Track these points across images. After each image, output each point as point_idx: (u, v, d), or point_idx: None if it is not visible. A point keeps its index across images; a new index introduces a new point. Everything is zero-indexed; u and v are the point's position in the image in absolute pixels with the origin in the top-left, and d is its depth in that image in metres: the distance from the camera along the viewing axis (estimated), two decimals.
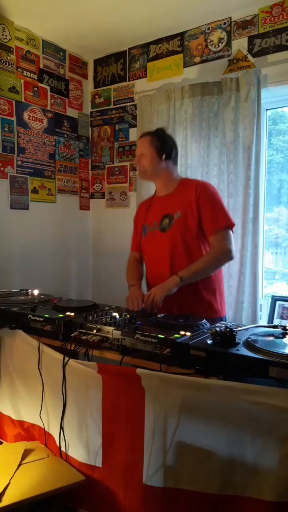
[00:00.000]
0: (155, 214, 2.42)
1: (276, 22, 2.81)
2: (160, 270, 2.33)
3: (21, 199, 3.27)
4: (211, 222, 2.24)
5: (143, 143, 2.37)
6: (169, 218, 2.33)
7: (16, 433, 2.10)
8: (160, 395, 1.50)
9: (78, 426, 1.76)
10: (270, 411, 1.32)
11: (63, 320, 1.86)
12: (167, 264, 2.30)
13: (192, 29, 3.17)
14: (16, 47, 3.18)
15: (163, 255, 2.32)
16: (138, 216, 2.61)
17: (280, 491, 1.33)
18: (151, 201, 2.54)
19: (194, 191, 2.28)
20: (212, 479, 1.44)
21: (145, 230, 2.47)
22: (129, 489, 1.61)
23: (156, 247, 2.37)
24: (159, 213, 2.39)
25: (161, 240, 2.33)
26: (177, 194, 2.37)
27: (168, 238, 2.30)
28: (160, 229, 2.36)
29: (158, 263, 2.35)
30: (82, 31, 3.28)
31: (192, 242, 2.27)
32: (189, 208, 2.27)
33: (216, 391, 1.40)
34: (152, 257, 2.43)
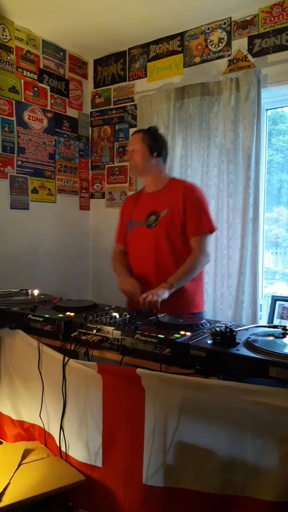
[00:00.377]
0: (142, 210, 2.48)
1: (276, 22, 2.81)
2: (144, 264, 2.41)
3: (21, 199, 3.27)
4: (195, 224, 2.33)
5: (136, 140, 2.46)
6: (155, 215, 2.41)
7: (16, 433, 2.10)
8: (160, 395, 1.50)
9: (78, 426, 1.75)
10: (270, 411, 1.32)
11: (63, 320, 1.86)
12: (152, 259, 2.37)
13: (192, 29, 3.18)
14: (16, 47, 3.18)
15: (148, 250, 2.39)
16: (125, 210, 2.67)
17: (280, 491, 1.33)
18: (139, 196, 2.62)
19: (182, 193, 2.36)
20: (212, 479, 1.43)
21: (131, 225, 2.53)
22: (129, 489, 1.61)
23: (141, 242, 2.44)
24: (146, 209, 2.46)
25: (146, 236, 2.41)
26: (165, 193, 2.45)
27: (154, 235, 2.38)
28: (146, 225, 2.42)
29: (143, 257, 2.42)
30: (82, 31, 3.28)
31: (176, 239, 2.35)
32: (176, 208, 2.35)
33: (216, 391, 1.40)
34: (137, 251, 2.49)
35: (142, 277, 2.39)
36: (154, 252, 2.37)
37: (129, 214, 2.57)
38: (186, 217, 2.33)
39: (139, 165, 2.45)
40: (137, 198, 2.60)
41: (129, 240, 2.56)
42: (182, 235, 2.35)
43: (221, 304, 3.02)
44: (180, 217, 2.33)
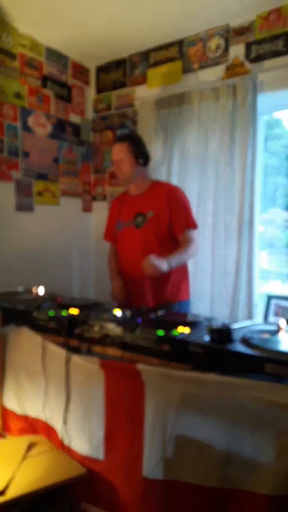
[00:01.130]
0: (129, 212, 2.56)
1: (273, 28, 2.80)
2: (134, 262, 2.45)
3: (26, 201, 3.27)
4: (182, 222, 2.45)
5: (121, 149, 2.46)
6: (142, 216, 2.49)
7: (21, 427, 2.10)
8: (160, 390, 1.50)
9: (81, 420, 1.76)
10: (267, 406, 1.32)
11: (67, 317, 1.86)
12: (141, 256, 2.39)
13: (190, 36, 3.17)
14: (19, 53, 3.18)
15: (137, 249, 2.46)
16: (113, 210, 2.75)
17: (277, 485, 1.33)
18: (124, 198, 2.68)
19: (166, 195, 2.46)
20: (211, 472, 1.43)
21: (120, 226, 2.60)
22: (129, 482, 1.61)
23: (131, 241, 2.52)
24: (133, 211, 2.53)
25: (135, 236, 2.49)
26: (149, 195, 2.52)
27: (142, 234, 2.47)
28: (135, 226, 2.51)
29: (133, 255, 2.48)
30: (84, 39, 3.28)
31: (163, 238, 2.45)
32: (161, 209, 2.44)
33: (214, 386, 1.40)
34: (127, 250, 2.57)
35: (132, 273, 2.49)
36: (144, 250, 2.41)
37: (117, 215, 2.64)
38: (172, 217, 2.43)
39: (128, 175, 2.49)
40: (123, 200, 2.66)
41: (119, 239, 2.63)
42: (168, 234, 2.45)
43: (218, 302, 3.02)
44: (166, 217, 2.43)
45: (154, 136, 3.29)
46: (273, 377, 1.32)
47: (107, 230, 2.80)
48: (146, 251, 2.40)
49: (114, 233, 2.67)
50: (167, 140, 3.24)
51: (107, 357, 1.69)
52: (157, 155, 3.29)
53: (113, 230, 2.69)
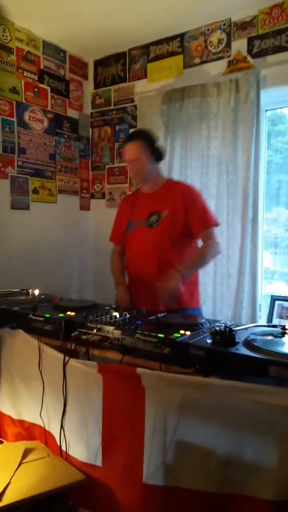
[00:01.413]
0: (142, 211, 2.50)
1: (276, 23, 2.81)
2: (146, 263, 2.43)
3: (21, 199, 3.27)
4: (200, 221, 2.39)
5: (135, 149, 2.43)
6: (156, 215, 2.43)
7: (17, 433, 2.10)
8: (160, 394, 1.50)
9: (79, 425, 1.75)
10: (269, 410, 1.32)
11: (64, 319, 1.85)
12: (153, 257, 2.39)
13: (192, 30, 3.17)
14: (16, 47, 3.18)
15: (149, 249, 2.41)
16: (123, 211, 2.69)
17: (278, 490, 1.33)
18: (136, 196, 2.65)
19: (181, 194, 2.43)
20: (212, 477, 1.43)
21: (131, 225, 2.54)
22: (128, 488, 1.61)
23: (142, 241, 2.46)
24: (146, 210, 2.48)
25: (148, 235, 2.43)
26: (163, 194, 2.48)
27: (155, 234, 2.40)
28: (147, 225, 2.45)
29: (144, 256, 2.43)
30: (82, 32, 3.28)
31: (177, 238, 2.39)
32: (177, 209, 2.39)
33: (216, 390, 1.40)
34: (137, 250, 2.51)
35: (142, 276, 2.43)
36: (156, 250, 2.38)
37: (128, 214, 2.59)
38: (189, 217, 2.38)
39: (145, 174, 2.47)
40: (135, 199, 2.63)
41: (129, 240, 2.57)
42: (183, 235, 2.40)
43: (220, 304, 3.02)
44: (181, 217, 2.37)
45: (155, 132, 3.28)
46: (277, 380, 1.31)
47: (114, 231, 2.75)
48: (158, 252, 2.38)
49: (122, 234, 2.63)
50: (168, 137, 3.23)
51: (106, 361, 1.69)
52: None
53: (122, 231, 2.64)
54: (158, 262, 2.38)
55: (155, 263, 2.38)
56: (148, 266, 2.40)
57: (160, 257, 2.38)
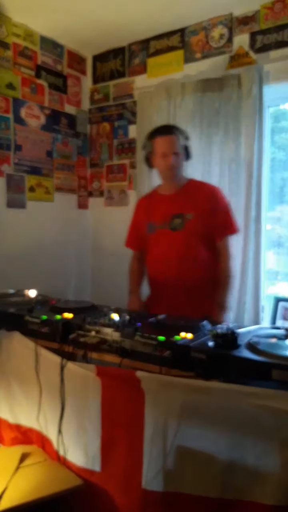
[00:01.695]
0: (163, 212, 2.45)
1: (278, 18, 2.81)
2: (168, 267, 2.39)
3: (17, 197, 3.27)
4: (223, 227, 2.42)
5: (176, 142, 2.40)
6: (181, 218, 2.38)
7: (13, 437, 2.10)
8: (160, 398, 1.50)
9: (77, 430, 1.76)
10: (272, 414, 1.32)
11: (61, 321, 1.86)
12: (176, 261, 2.37)
13: (193, 25, 3.17)
14: (13, 43, 3.18)
15: (173, 253, 2.38)
16: (140, 213, 2.63)
17: (280, 495, 1.33)
18: (152, 197, 2.60)
19: (207, 196, 2.42)
20: (213, 483, 1.44)
21: (152, 228, 2.49)
22: (128, 494, 1.61)
23: (165, 245, 2.42)
24: (168, 212, 2.43)
25: (172, 239, 2.39)
26: (186, 195, 2.44)
27: (180, 237, 2.37)
28: (171, 228, 2.40)
29: (168, 261, 2.40)
30: (81, 26, 3.28)
31: (202, 242, 2.38)
32: (203, 211, 2.37)
33: (217, 394, 1.40)
34: (161, 255, 2.46)
35: (166, 280, 2.41)
36: (181, 254, 2.37)
37: (146, 217, 2.54)
38: (213, 221, 2.38)
39: (177, 170, 2.44)
40: (151, 201, 2.59)
41: (151, 243, 2.53)
42: (206, 238, 2.40)
43: None
44: (206, 221, 2.37)
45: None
46: (281, 384, 1.32)
47: (130, 236, 2.70)
48: (185, 256, 2.36)
49: (141, 238, 2.58)
50: None
51: (104, 364, 1.69)
52: None
53: (139, 235, 2.60)
54: (183, 266, 2.36)
55: (180, 267, 2.36)
56: (173, 270, 2.38)
57: (185, 261, 2.36)
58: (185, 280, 2.35)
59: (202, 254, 2.39)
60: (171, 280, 2.37)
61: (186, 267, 2.36)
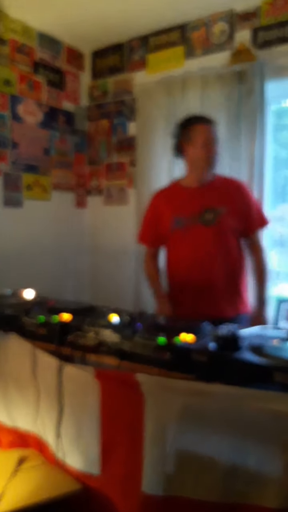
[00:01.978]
0: (192, 206, 2.38)
1: (279, 14, 2.81)
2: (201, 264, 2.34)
3: (14, 196, 3.27)
4: (257, 220, 2.43)
5: (214, 131, 2.39)
6: (212, 212, 2.33)
7: (11, 440, 2.10)
8: (160, 401, 1.50)
9: (75, 433, 1.76)
10: (274, 417, 1.33)
11: (59, 323, 1.86)
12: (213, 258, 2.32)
13: (194, 20, 3.18)
14: (10, 39, 3.18)
15: (208, 249, 2.33)
16: (158, 207, 2.53)
17: (282, 498, 1.34)
18: (174, 190, 2.52)
19: (238, 191, 2.42)
20: (214, 487, 1.44)
21: (180, 223, 2.39)
22: (128, 498, 1.61)
23: (198, 240, 2.35)
24: (197, 206, 2.36)
25: (205, 234, 2.33)
26: (216, 189, 2.41)
27: (213, 232, 2.32)
28: (203, 223, 2.33)
29: (201, 257, 2.34)
30: (79, 22, 3.28)
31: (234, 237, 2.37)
32: (234, 205, 2.36)
33: (218, 397, 1.41)
34: (192, 251, 2.37)
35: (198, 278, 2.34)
36: (217, 250, 2.33)
37: (169, 211, 2.44)
38: (246, 215, 2.38)
39: (217, 159, 2.42)
40: (173, 193, 2.51)
41: (178, 239, 2.43)
42: (237, 233, 2.39)
43: None
44: (237, 216, 2.35)
45: (154, 125, 3.30)
46: (283, 386, 1.32)
47: (145, 231, 2.61)
48: (219, 251, 2.33)
49: (159, 234, 2.51)
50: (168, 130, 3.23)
51: (103, 366, 1.69)
52: (157, 146, 3.29)
53: (157, 230, 2.52)
54: (219, 262, 2.33)
55: (216, 263, 2.33)
56: (206, 267, 2.32)
57: (221, 256, 2.33)
58: (216, 276, 2.31)
59: (234, 249, 2.38)
60: (205, 276, 2.31)
61: (217, 263, 2.33)
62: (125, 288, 3.57)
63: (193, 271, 2.36)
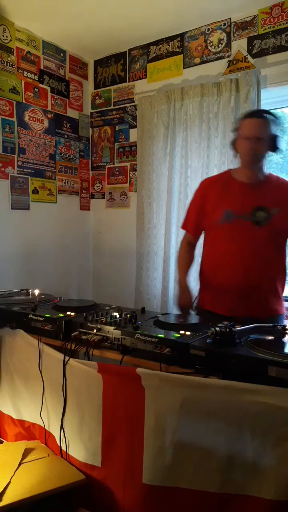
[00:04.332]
0: (243, 202, 2.16)
1: (276, 23, 2.81)
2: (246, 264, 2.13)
3: (21, 199, 3.28)
4: None
5: (265, 127, 2.12)
6: (265, 211, 2.12)
7: (17, 432, 2.10)
8: (160, 395, 1.50)
9: (79, 425, 1.76)
10: (269, 410, 1.32)
11: (64, 319, 1.86)
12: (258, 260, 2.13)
13: (192, 30, 3.18)
14: (16, 48, 3.19)
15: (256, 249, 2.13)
16: (210, 195, 2.28)
17: (279, 489, 1.33)
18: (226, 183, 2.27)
19: None
20: (212, 478, 1.44)
21: (230, 217, 2.16)
22: (128, 488, 1.61)
23: (245, 238, 2.14)
24: (250, 202, 2.15)
25: (255, 233, 2.12)
26: (269, 188, 2.20)
27: (265, 234, 2.12)
28: (254, 221, 2.12)
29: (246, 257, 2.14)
30: (82, 32, 3.29)
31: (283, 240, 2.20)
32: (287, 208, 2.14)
33: (216, 390, 1.40)
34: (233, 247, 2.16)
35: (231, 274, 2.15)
36: (265, 251, 2.14)
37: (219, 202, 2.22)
38: None
39: (261, 156, 2.17)
40: (226, 185, 2.25)
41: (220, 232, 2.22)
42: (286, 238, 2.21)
43: None
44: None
45: (155, 132, 3.30)
46: (277, 380, 1.32)
47: (190, 217, 2.36)
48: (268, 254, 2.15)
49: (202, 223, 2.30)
50: (168, 137, 3.24)
51: (106, 361, 1.69)
52: (158, 151, 3.29)
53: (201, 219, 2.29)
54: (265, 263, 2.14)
55: (262, 264, 2.13)
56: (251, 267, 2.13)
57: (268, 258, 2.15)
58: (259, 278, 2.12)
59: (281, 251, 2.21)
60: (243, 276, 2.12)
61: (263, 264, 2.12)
62: (127, 287, 3.57)
63: (236, 269, 2.15)
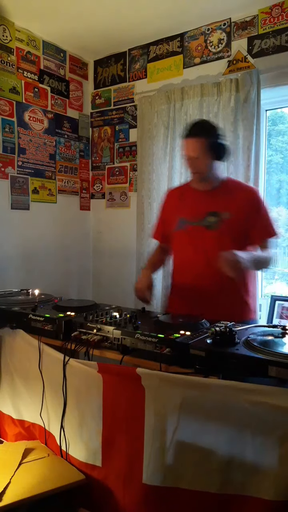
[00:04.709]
0: (197, 209, 2.24)
1: (276, 23, 2.80)
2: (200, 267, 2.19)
3: (21, 199, 3.27)
4: (264, 229, 2.21)
5: (197, 147, 2.16)
6: (215, 216, 2.18)
7: (17, 432, 2.10)
8: (160, 395, 1.50)
9: (79, 425, 1.75)
10: (270, 410, 1.32)
11: (64, 319, 1.86)
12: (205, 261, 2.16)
13: (192, 30, 3.17)
14: (16, 48, 3.18)
15: (208, 252, 2.16)
16: (169, 206, 2.43)
17: (279, 490, 1.33)
18: (184, 191, 2.39)
19: (246, 197, 2.22)
20: (212, 478, 1.43)
21: (184, 224, 2.27)
22: (128, 488, 1.61)
23: (199, 243, 2.21)
24: (202, 208, 2.23)
25: (207, 237, 2.18)
26: (223, 193, 2.24)
27: (217, 237, 2.16)
28: (205, 226, 2.19)
29: (201, 260, 2.20)
30: (83, 32, 3.28)
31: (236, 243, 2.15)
32: (240, 212, 2.17)
33: (216, 390, 1.40)
34: (192, 253, 2.24)
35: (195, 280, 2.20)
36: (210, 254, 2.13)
37: (177, 211, 2.33)
38: (252, 224, 2.18)
39: (203, 173, 2.22)
40: (184, 194, 2.36)
41: (178, 238, 2.31)
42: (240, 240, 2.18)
43: None
44: (243, 222, 2.17)
45: (155, 132, 3.29)
46: (277, 380, 1.31)
47: (157, 228, 2.50)
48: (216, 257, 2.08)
49: (166, 231, 2.39)
50: (168, 137, 3.24)
51: (106, 361, 1.69)
52: (158, 151, 3.29)
53: (165, 228, 2.40)
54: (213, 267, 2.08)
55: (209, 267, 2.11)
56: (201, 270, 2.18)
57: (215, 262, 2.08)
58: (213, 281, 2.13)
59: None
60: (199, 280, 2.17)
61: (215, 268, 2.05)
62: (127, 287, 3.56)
63: (192, 273, 2.23)
